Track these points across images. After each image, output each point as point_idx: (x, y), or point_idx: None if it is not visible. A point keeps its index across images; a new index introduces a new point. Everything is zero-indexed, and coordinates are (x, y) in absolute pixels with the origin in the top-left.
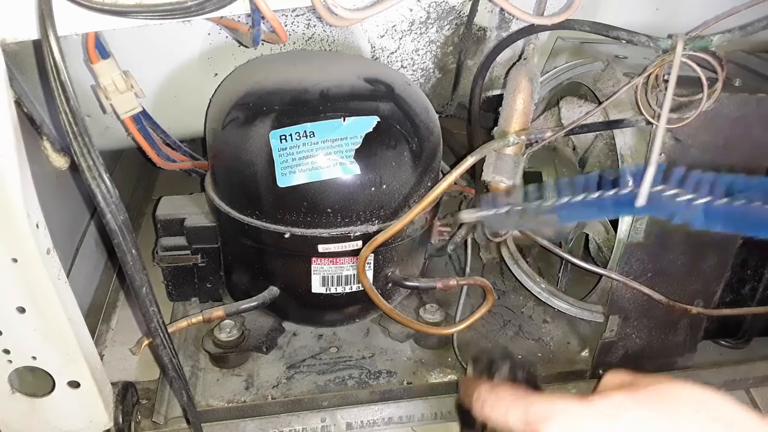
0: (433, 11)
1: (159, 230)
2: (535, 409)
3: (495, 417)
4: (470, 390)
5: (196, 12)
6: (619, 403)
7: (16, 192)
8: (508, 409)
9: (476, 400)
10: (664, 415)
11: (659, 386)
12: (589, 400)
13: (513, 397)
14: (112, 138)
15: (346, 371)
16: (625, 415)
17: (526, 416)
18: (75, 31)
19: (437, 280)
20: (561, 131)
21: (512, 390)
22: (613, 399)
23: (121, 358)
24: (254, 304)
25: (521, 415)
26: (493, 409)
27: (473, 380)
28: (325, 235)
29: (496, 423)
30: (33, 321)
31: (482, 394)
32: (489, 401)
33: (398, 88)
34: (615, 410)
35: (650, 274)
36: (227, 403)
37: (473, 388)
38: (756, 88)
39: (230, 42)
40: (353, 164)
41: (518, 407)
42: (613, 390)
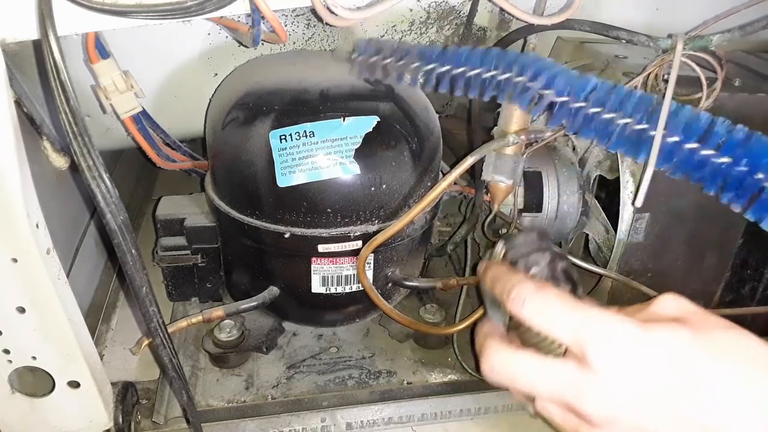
0: (433, 11)
1: (159, 230)
2: (592, 325)
3: (538, 322)
4: (505, 279)
5: (196, 12)
6: (682, 343)
7: (16, 192)
8: (557, 319)
9: (515, 298)
10: (723, 365)
11: (725, 334)
12: (649, 327)
13: (565, 305)
14: (112, 138)
15: (346, 371)
16: (685, 356)
17: (579, 330)
18: (75, 31)
19: (437, 280)
20: (561, 131)
21: (562, 296)
22: (675, 334)
23: (121, 358)
24: (254, 304)
25: (573, 328)
26: (538, 314)
27: (507, 269)
28: (325, 235)
29: (538, 327)
30: (33, 321)
31: (523, 293)
32: (534, 304)
33: (398, 88)
34: (676, 350)
35: (650, 274)
36: (227, 403)
37: (509, 278)
38: (756, 88)
39: (230, 42)
40: (353, 164)
41: (571, 318)
42: (673, 320)
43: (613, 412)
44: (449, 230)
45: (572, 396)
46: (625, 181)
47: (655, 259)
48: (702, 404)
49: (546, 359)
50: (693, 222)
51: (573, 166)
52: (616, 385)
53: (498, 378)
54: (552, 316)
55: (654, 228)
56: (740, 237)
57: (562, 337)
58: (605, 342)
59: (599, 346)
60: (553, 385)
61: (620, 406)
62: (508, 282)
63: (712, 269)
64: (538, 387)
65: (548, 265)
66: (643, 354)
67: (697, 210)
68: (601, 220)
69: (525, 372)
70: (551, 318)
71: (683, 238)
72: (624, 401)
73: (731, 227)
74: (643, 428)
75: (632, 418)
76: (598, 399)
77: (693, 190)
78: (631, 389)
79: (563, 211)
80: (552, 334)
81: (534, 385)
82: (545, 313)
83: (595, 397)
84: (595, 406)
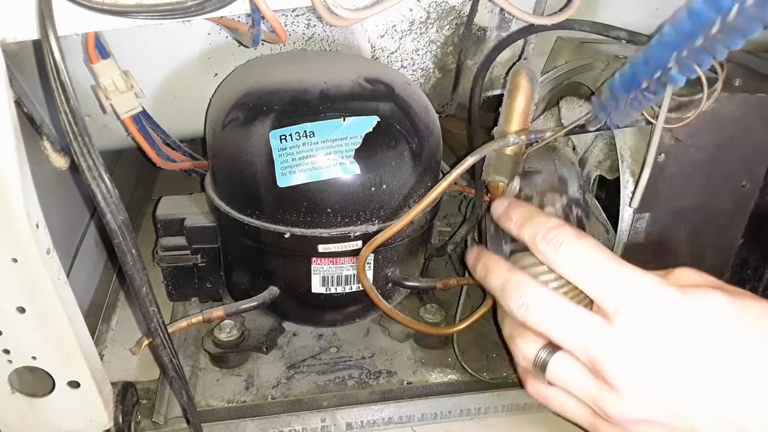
0: (433, 11)
1: (159, 230)
2: (630, 284)
3: (570, 270)
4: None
5: (196, 12)
6: (719, 308)
7: (16, 192)
8: (593, 270)
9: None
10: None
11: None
12: (688, 291)
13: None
14: (112, 138)
15: (346, 371)
16: (722, 325)
17: (616, 287)
18: (75, 31)
19: (437, 280)
20: (561, 131)
21: (602, 248)
22: (713, 299)
23: (121, 358)
24: (254, 304)
25: (610, 284)
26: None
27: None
28: (325, 235)
29: (568, 276)
30: (33, 321)
31: (563, 238)
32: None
33: (398, 88)
34: (713, 315)
35: None
36: (227, 403)
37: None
38: (756, 88)
39: (230, 42)
40: (353, 164)
41: (609, 274)
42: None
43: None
44: (449, 230)
45: (599, 353)
46: (625, 181)
47: (655, 259)
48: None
49: (579, 307)
50: (693, 222)
51: (573, 166)
52: (648, 350)
53: (526, 317)
54: (588, 267)
55: (654, 228)
56: (740, 237)
57: (596, 290)
58: (641, 304)
59: (634, 307)
60: (582, 335)
61: (649, 373)
62: (544, 224)
63: (712, 269)
64: (565, 334)
65: (564, 208)
66: (682, 319)
67: (697, 210)
68: (601, 220)
69: (555, 314)
70: (587, 269)
71: (683, 238)
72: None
73: (731, 227)
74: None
75: (662, 382)
76: (626, 362)
77: (693, 190)
78: (665, 355)
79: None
80: (585, 285)
81: (561, 331)
82: (583, 263)
83: (623, 359)
84: (622, 369)
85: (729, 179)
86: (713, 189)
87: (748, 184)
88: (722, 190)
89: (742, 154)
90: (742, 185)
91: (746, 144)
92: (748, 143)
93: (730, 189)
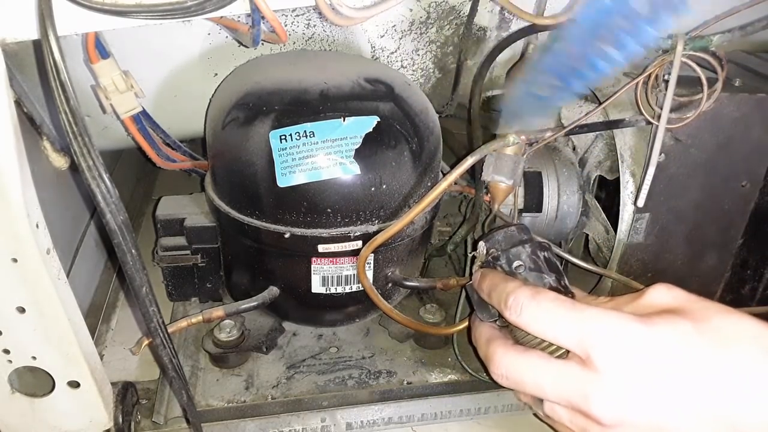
0: (433, 11)
1: (159, 230)
2: (592, 327)
3: (537, 328)
4: (501, 288)
5: (196, 12)
6: (684, 336)
7: (16, 192)
8: (556, 323)
9: (513, 306)
10: (726, 355)
11: (724, 320)
12: (650, 322)
13: (562, 310)
14: (112, 138)
15: (346, 371)
16: (689, 350)
17: (580, 333)
18: (75, 31)
19: (437, 280)
20: (561, 131)
21: (560, 300)
22: (677, 327)
23: (121, 358)
24: (254, 304)
25: (573, 331)
26: (537, 320)
27: (502, 277)
28: (325, 235)
29: (538, 334)
30: (33, 321)
31: (521, 301)
32: (530, 311)
33: (398, 88)
34: (680, 343)
35: (650, 274)
36: (227, 403)
37: (505, 287)
38: (756, 88)
39: (230, 42)
40: (353, 164)
41: (570, 322)
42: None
43: (622, 412)
44: (449, 230)
45: (580, 398)
46: (625, 181)
47: (655, 259)
48: (712, 394)
49: (552, 362)
50: (693, 222)
51: (573, 166)
52: (623, 384)
53: (509, 384)
54: (550, 322)
55: (654, 228)
56: (740, 237)
57: (563, 341)
58: (608, 342)
59: (602, 347)
60: (560, 388)
61: (629, 405)
62: (504, 291)
63: (712, 269)
64: (546, 390)
65: (530, 257)
66: (648, 350)
67: (697, 210)
68: (601, 220)
69: (532, 376)
70: (550, 324)
71: (683, 238)
72: (633, 399)
73: (731, 227)
74: (655, 424)
75: (643, 415)
76: (606, 400)
77: (693, 190)
78: (639, 387)
79: (563, 211)
80: (552, 340)
81: (541, 389)
82: (543, 320)
83: (603, 398)
84: (604, 407)
85: (729, 179)
86: (713, 189)
87: (748, 184)
88: (722, 190)
89: (742, 154)
90: (742, 185)
91: (746, 144)
92: (748, 143)
93: (730, 189)
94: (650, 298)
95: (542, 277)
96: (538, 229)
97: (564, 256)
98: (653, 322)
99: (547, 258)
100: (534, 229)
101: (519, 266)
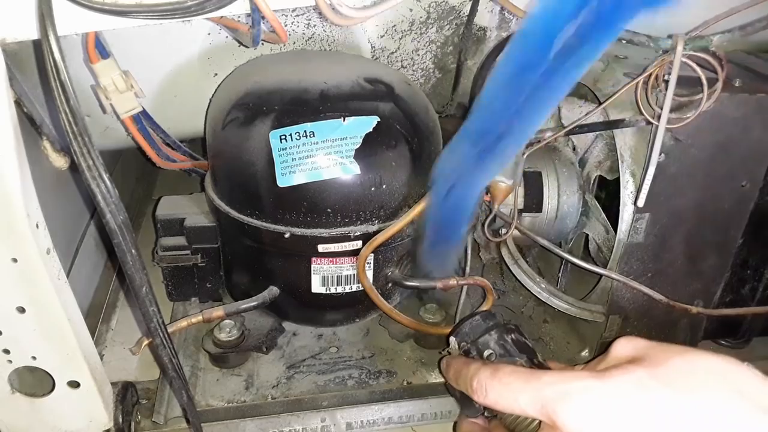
0: (433, 11)
1: (159, 230)
2: (549, 391)
3: (503, 405)
4: (464, 374)
5: (196, 12)
6: (639, 382)
7: (16, 192)
8: (517, 396)
9: (478, 389)
10: (685, 394)
11: (679, 360)
12: (605, 375)
13: (520, 381)
14: (112, 138)
15: (346, 371)
16: (646, 395)
17: (540, 400)
18: (75, 31)
19: (437, 280)
20: (561, 131)
21: (517, 372)
22: (632, 375)
23: (121, 358)
24: (254, 304)
25: (534, 399)
26: (501, 397)
27: (463, 362)
28: (325, 235)
29: (505, 410)
30: (33, 321)
31: (483, 382)
32: (494, 389)
33: (398, 88)
34: (635, 389)
35: (650, 274)
36: (227, 403)
37: (467, 371)
38: (756, 88)
39: (230, 42)
40: (353, 164)
41: (529, 391)
42: (628, 362)
43: None
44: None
45: None
46: (625, 181)
47: (655, 259)
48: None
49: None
50: (693, 222)
51: (573, 166)
52: None
53: None
54: (512, 396)
55: (654, 228)
56: (740, 237)
57: (529, 411)
58: (567, 403)
59: (563, 409)
60: None
61: None
62: (467, 376)
63: (712, 269)
64: None
65: (498, 344)
66: (607, 403)
67: (697, 210)
68: (601, 220)
69: None
70: (512, 398)
71: (683, 238)
72: None
73: (731, 227)
74: None
75: None
76: None
77: (693, 190)
78: None
79: (563, 211)
80: (519, 413)
81: None
82: (506, 396)
83: None
84: None
85: (729, 179)
86: (713, 189)
87: (748, 184)
88: (722, 190)
89: (742, 154)
90: (742, 185)
91: (746, 144)
92: (748, 143)
93: (730, 189)
94: (614, 353)
95: (514, 361)
96: (538, 229)
97: (564, 256)
98: (609, 374)
99: (515, 339)
100: (534, 229)
101: (490, 354)
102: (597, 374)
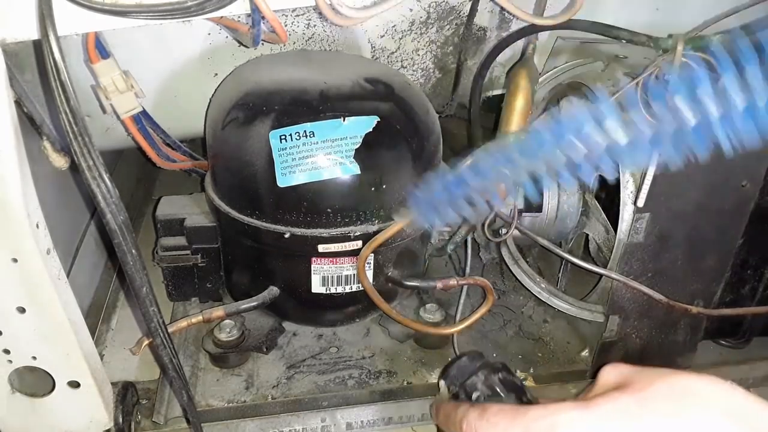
0: (433, 11)
1: (159, 230)
2: (536, 426)
3: None
4: (453, 417)
5: (196, 12)
6: (624, 408)
7: (16, 192)
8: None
9: (467, 431)
10: (672, 417)
11: (663, 384)
12: (591, 404)
13: (507, 419)
14: (112, 138)
15: (346, 371)
16: (631, 423)
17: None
18: (75, 31)
19: (437, 280)
20: None
21: (504, 411)
22: (617, 403)
23: (121, 358)
24: (254, 304)
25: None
26: None
27: (452, 405)
28: (325, 235)
29: None
30: (33, 321)
31: (472, 423)
32: (482, 429)
33: (398, 88)
34: (621, 416)
35: (650, 274)
36: (227, 403)
37: (455, 415)
38: None
39: (230, 42)
40: (353, 164)
41: (516, 427)
42: (613, 389)
43: None
44: (449, 230)
45: None
46: (625, 181)
47: (655, 259)
48: None
49: None
50: (693, 222)
51: None
52: None
53: None
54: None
55: (654, 228)
56: (740, 237)
57: None
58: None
59: None
60: None
61: None
62: (455, 419)
63: (712, 269)
64: None
65: (485, 384)
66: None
67: (697, 210)
68: (601, 220)
69: None
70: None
71: (683, 238)
72: None
73: (731, 227)
74: None
75: None
76: None
77: (693, 190)
78: None
79: (563, 211)
80: None
81: None
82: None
83: None
84: None
85: (729, 179)
86: (713, 189)
87: (748, 184)
88: (722, 190)
89: (742, 155)
90: (742, 185)
91: None
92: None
93: (730, 189)
94: (600, 381)
95: (501, 401)
96: (538, 229)
97: (564, 256)
98: (594, 403)
99: (502, 378)
100: (534, 229)
101: (478, 397)
102: (582, 404)
